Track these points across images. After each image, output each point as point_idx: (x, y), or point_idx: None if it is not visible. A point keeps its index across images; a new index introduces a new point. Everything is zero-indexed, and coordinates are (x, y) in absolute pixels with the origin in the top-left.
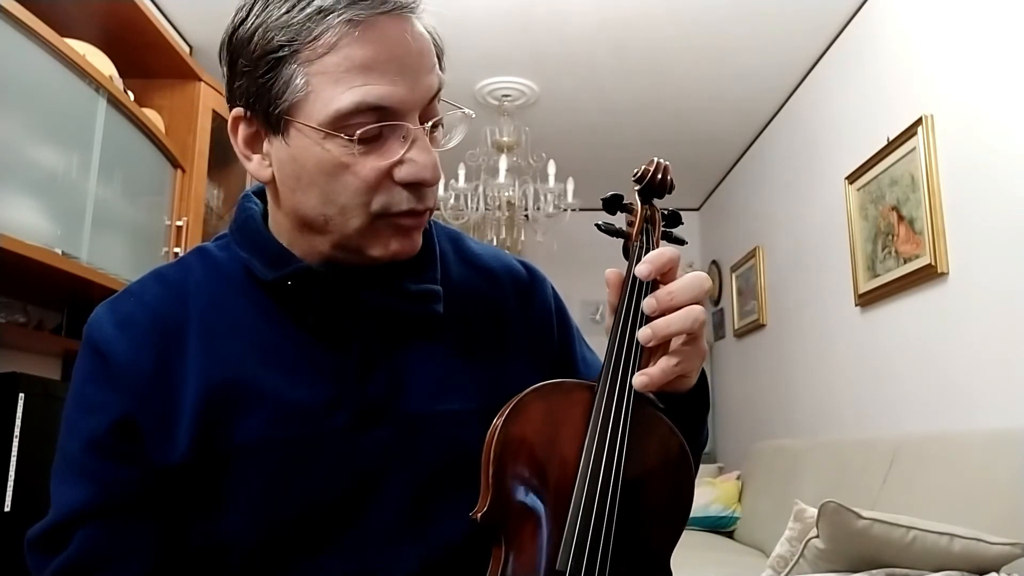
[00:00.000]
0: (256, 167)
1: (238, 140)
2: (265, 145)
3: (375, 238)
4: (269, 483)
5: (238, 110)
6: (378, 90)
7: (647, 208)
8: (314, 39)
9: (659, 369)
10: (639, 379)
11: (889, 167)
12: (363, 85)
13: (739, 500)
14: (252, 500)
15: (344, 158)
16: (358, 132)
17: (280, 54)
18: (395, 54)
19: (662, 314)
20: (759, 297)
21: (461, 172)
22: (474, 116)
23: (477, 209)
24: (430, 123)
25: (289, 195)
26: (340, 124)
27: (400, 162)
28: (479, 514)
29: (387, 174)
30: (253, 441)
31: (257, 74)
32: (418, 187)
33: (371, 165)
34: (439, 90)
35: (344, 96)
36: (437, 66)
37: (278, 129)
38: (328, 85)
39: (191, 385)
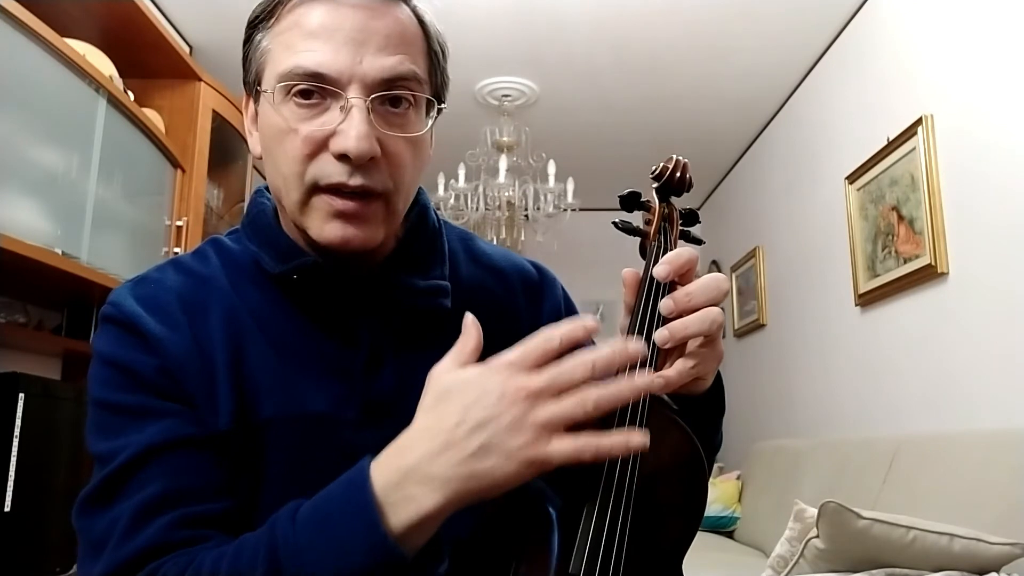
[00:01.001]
0: (254, 143)
1: (246, 120)
2: (259, 120)
3: (312, 217)
4: (296, 459)
5: (246, 91)
6: (317, 56)
7: (665, 206)
8: (279, 4)
9: (676, 371)
10: (659, 335)
11: (889, 167)
12: (305, 51)
13: (739, 500)
14: (284, 477)
15: (291, 123)
16: (292, 91)
17: (255, 23)
18: (345, 25)
19: (679, 315)
20: (759, 297)
21: (461, 172)
22: (446, 108)
23: (477, 209)
24: (372, 96)
25: (266, 169)
26: (284, 89)
27: (334, 133)
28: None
29: (323, 144)
30: (281, 415)
31: (243, 48)
32: (349, 161)
33: (307, 131)
34: (407, 77)
35: (289, 59)
36: (411, 54)
37: (257, 100)
38: (280, 49)
39: (221, 362)
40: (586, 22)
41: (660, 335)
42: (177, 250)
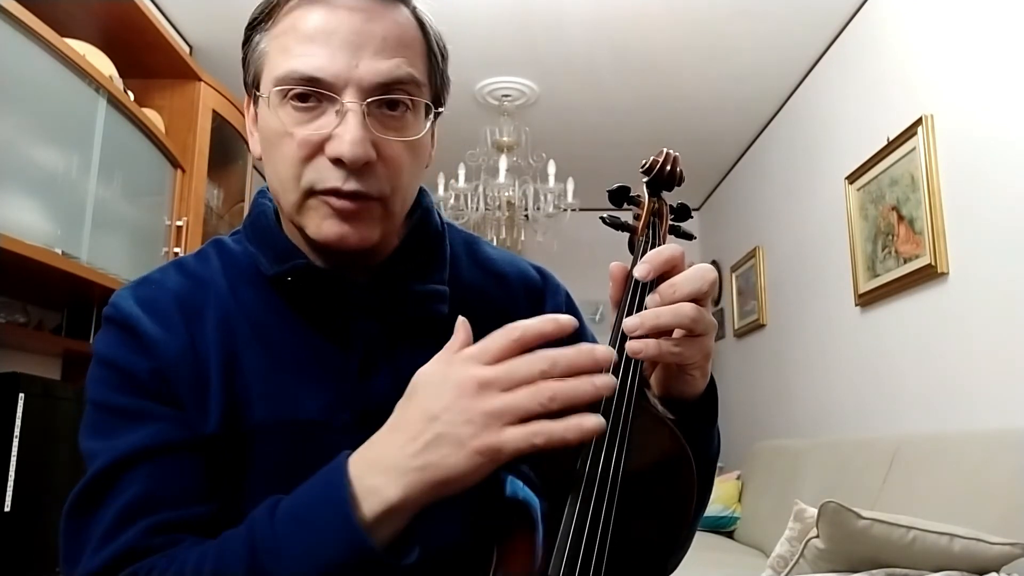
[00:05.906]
0: (254, 144)
1: (248, 121)
2: (258, 122)
3: (309, 217)
4: (283, 467)
5: (247, 92)
6: (313, 60)
7: (655, 201)
8: (276, 5)
9: (655, 343)
10: (629, 321)
11: (889, 167)
12: (301, 55)
13: (739, 500)
14: (269, 484)
15: (288, 126)
16: (288, 95)
17: (254, 25)
18: (341, 29)
19: None
20: (759, 297)
21: (461, 172)
22: (442, 112)
23: (477, 209)
24: (368, 100)
25: (265, 171)
26: (281, 92)
27: (330, 137)
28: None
29: (318, 148)
30: (270, 422)
31: (243, 49)
32: (345, 166)
33: (303, 134)
34: (404, 81)
35: (285, 63)
36: (409, 57)
37: (256, 102)
38: (278, 53)
39: (214, 365)
40: (586, 22)
41: (629, 322)
42: (177, 250)
